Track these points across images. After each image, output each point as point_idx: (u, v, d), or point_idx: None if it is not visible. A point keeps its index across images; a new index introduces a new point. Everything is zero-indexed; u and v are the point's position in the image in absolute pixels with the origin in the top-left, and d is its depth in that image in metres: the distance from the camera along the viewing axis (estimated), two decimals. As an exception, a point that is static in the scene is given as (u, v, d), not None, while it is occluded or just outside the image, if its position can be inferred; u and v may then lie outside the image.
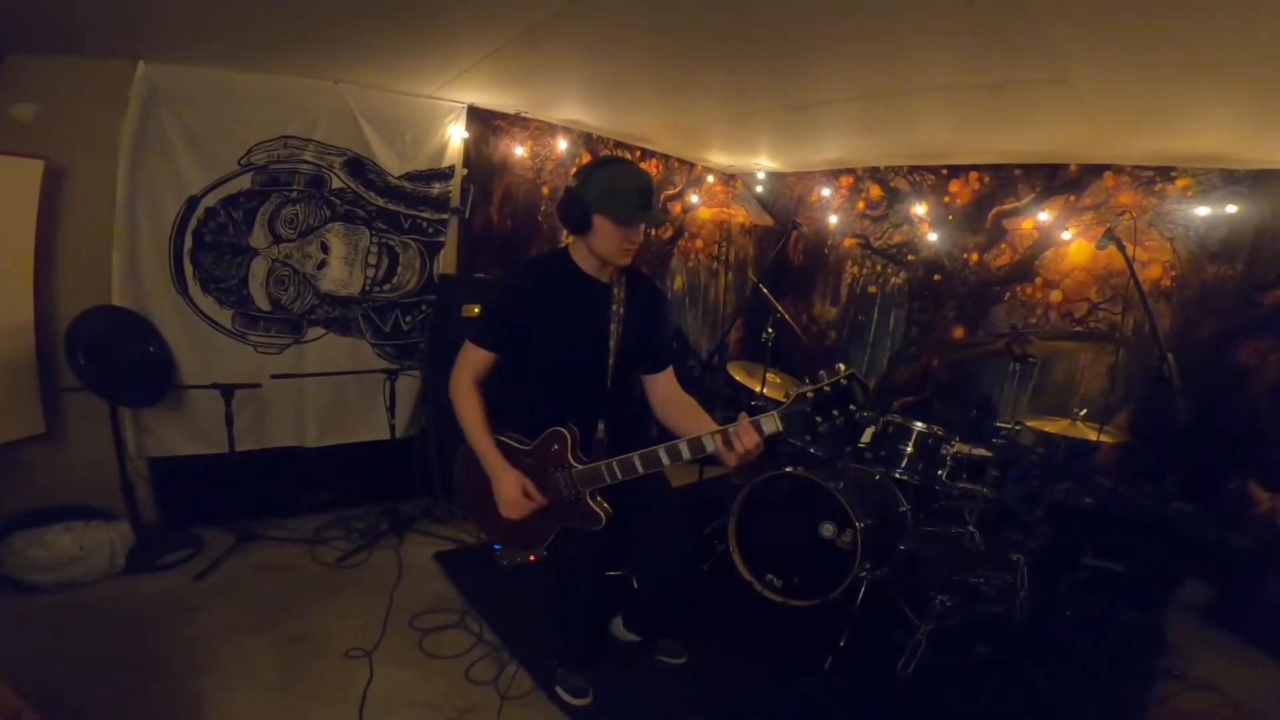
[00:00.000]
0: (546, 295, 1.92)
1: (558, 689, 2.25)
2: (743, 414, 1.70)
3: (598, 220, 1.82)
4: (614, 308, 1.95)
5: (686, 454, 1.77)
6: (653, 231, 4.75)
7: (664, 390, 2.10)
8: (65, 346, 2.75)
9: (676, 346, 4.94)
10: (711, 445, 1.73)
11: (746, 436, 1.67)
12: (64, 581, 2.60)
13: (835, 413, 1.59)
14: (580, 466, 1.91)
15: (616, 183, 1.80)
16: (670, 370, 2.12)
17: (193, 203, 3.08)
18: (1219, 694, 2.64)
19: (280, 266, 3.35)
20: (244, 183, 3.17)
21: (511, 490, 1.90)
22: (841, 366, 1.60)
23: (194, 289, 3.16)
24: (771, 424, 1.66)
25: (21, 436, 2.78)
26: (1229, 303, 3.35)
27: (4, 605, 2.46)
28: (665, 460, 1.80)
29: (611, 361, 1.95)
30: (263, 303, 3.34)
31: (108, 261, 2.93)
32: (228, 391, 3.07)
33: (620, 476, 1.86)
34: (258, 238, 3.27)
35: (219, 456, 3.16)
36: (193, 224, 3.10)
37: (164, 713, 1.99)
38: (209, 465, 3.21)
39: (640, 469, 1.83)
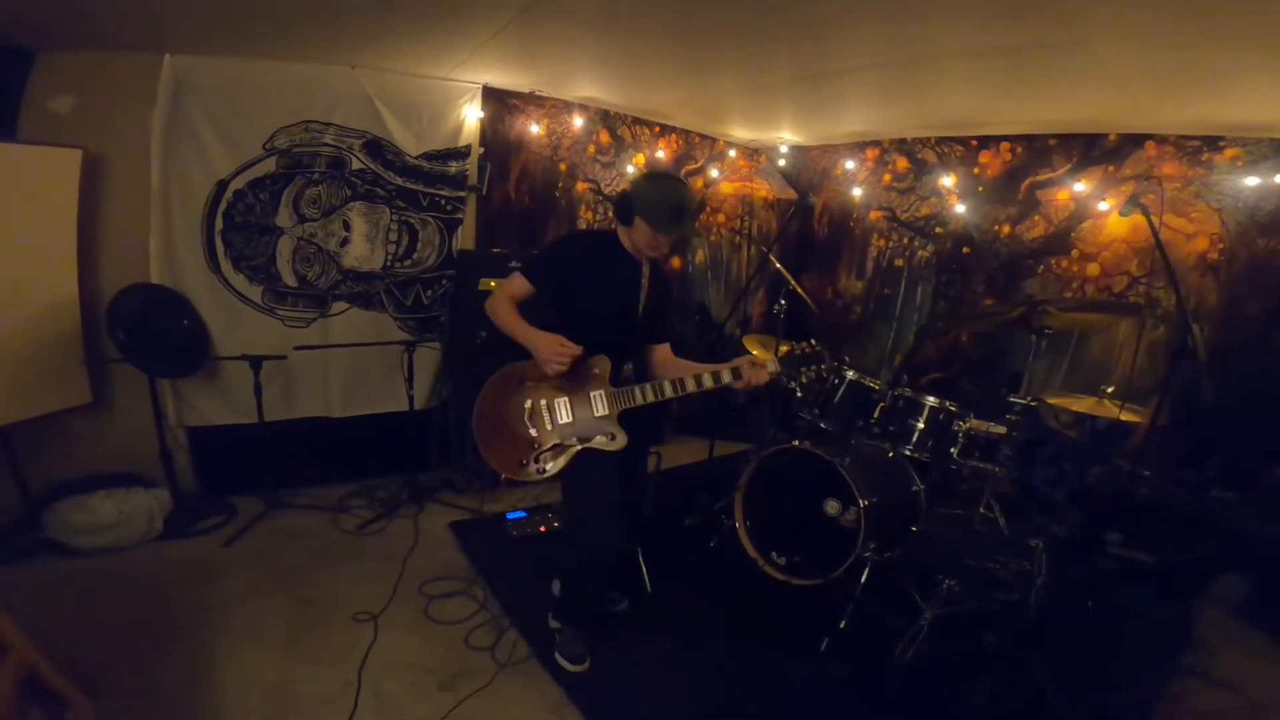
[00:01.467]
0: (594, 257, 2.24)
1: (557, 655, 2.32)
2: (756, 354, 2.11)
3: (638, 221, 2.12)
4: (643, 280, 2.26)
5: (709, 383, 2.13)
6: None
7: (663, 356, 2.40)
8: (107, 322, 2.93)
9: (699, 320, 4.96)
10: (728, 377, 2.12)
11: (755, 373, 2.11)
12: (103, 546, 2.79)
13: (812, 367, 2.14)
14: (614, 388, 2.19)
15: (659, 196, 2.11)
16: (669, 345, 2.41)
17: (222, 186, 3.23)
18: (1241, 694, 2.51)
19: (305, 245, 3.48)
20: (269, 166, 3.30)
21: (550, 344, 2.09)
22: (812, 340, 2.16)
23: (226, 266, 3.32)
24: (773, 365, 2.14)
25: (69, 405, 2.98)
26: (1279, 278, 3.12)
27: (47, 568, 2.66)
28: (690, 386, 2.14)
29: (639, 320, 2.28)
30: (290, 279, 3.48)
31: (145, 242, 3.11)
32: (256, 363, 3.22)
33: (651, 398, 2.16)
34: (283, 218, 3.40)
35: (251, 426, 3.33)
36: (223, 206, 3.25)
37: (177, 671, 2.13)
38: (242, 435, 3.38)
39: (669, 393, 2.14)
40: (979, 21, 2.36)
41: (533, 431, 2.17)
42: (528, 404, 2.18)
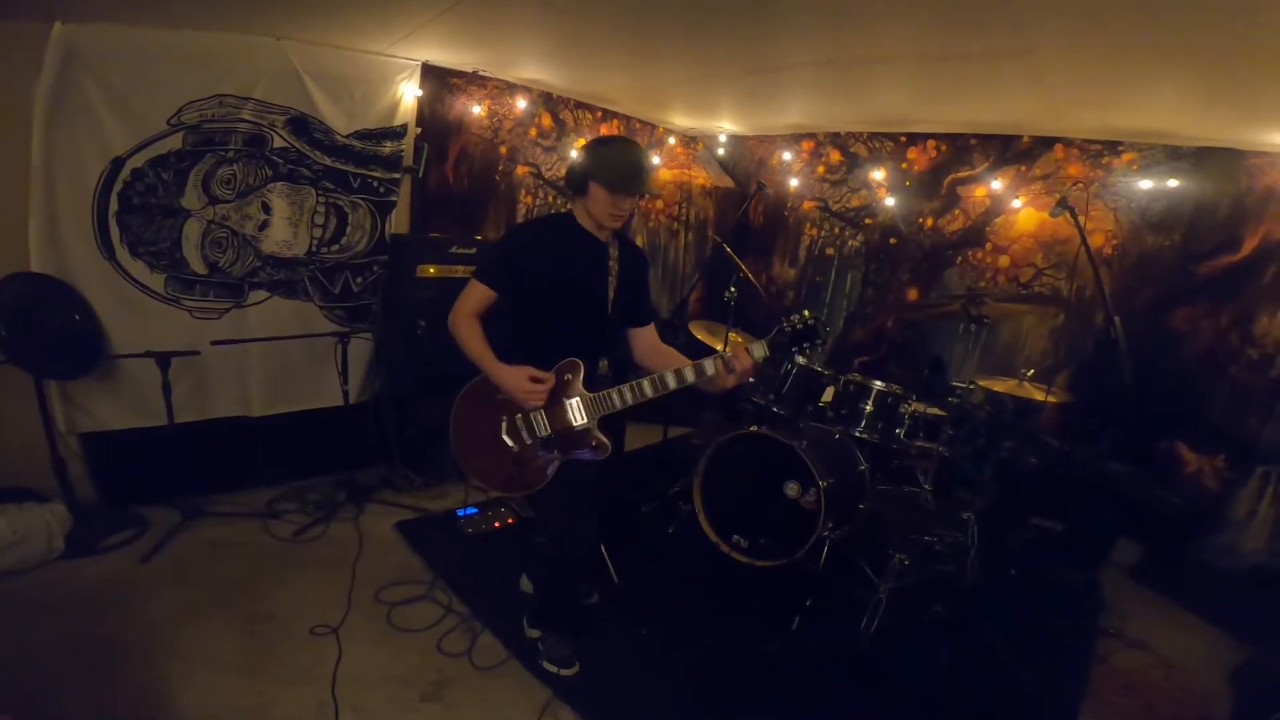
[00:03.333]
0: (550, 245, 2.07)
1: (544, 663, 2.26)
2: (736, 342, 1.95)
3: (593, 187, 1.99)
4: (610, 264, 2.11)
5: (690, 377, 1.98)
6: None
7: (646, 341, 2.29)
8: (-18, 316, 2.54)
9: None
10: (712, 369, 1.96)
11: (742, 359, 1.94)
12: (2, 569, 2.44)
13: (806, 345, 1.93)
14: (591, 394, 2.04)
15: (613, 156, 1.99)
16: (652, 325, 2.32)
17: (117, 164, 2.86)
18: (1152, 654, 2.80)
19: (216, 228, 3.16)
20: (174, 143, 2.96)
21: (518, 380, 1.98)
22: (806, 313, 1.93)
23: (121, 253, 2.96)
24: (760, 350, 1.95)
25: (-62, 414, 2.57)
26: (1165, 272, 3.52)
27: (-63, 595, 2.30)
28: (672, 384, 1.98)
29: (610, 309, 2.12)
30: (198, 266, 3.15)
31: (24, 228, 2.70)
32: (163, 360, 2.91)
33: (630, 401, 2.02)
34: (190, 199, 3.07)
35: (158, 430, 3.01)
36: (118, 186, 2.89)
37: (127, 703, 1.92)
38: (148, 439, 3.05)
39: (649, 393, 2.00)
40: (933, 29, 2.48)
41: (514, 448, 2.07)
42: (504, 420, 2.08)
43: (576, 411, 2.03)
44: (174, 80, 2.89)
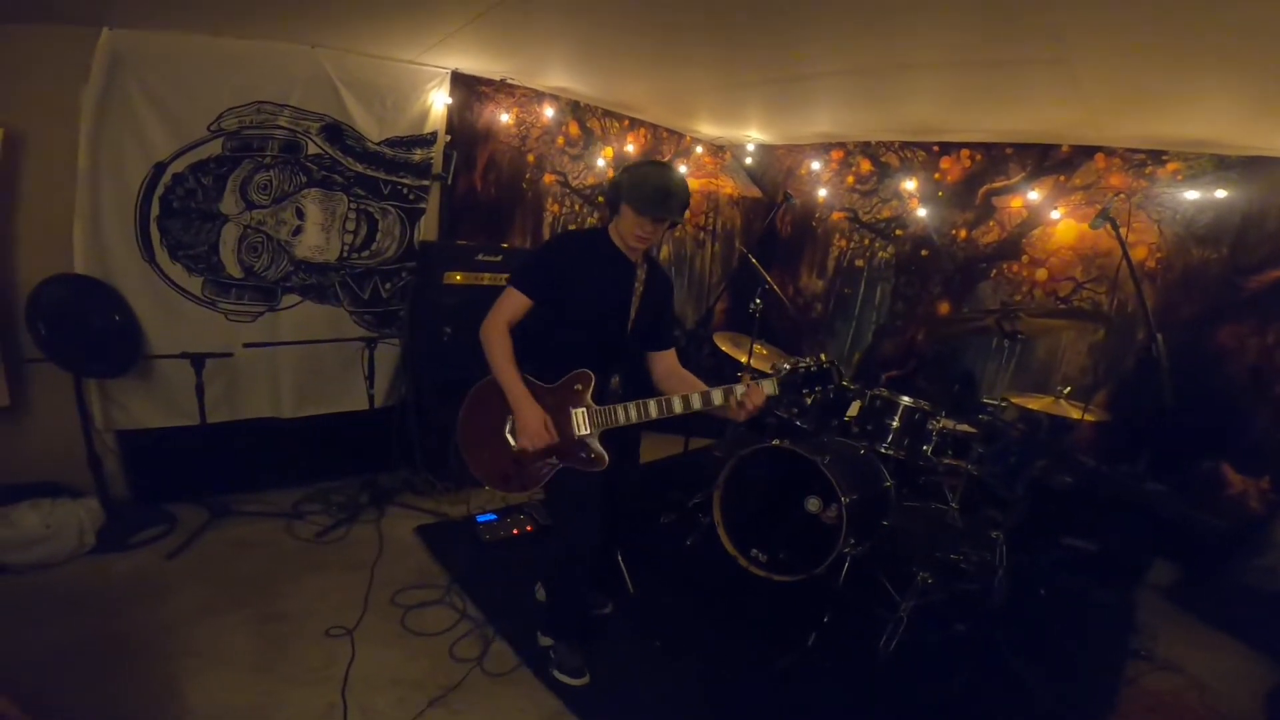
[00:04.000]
0: (584, 258, 2.12)
1: (555, 672, 2.24)
2: (746, 376, 2.01)
3: (624, 206, 2.04)
4: (636, 285, 2.16)
5: (698, 404, 2.03)
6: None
7: (666, 365, 2.30)
8: (26, 316, 2.64)
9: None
10: (720, 399, 2.01)
11: (753, 394, 1.98)
12: (32, 562, 2.52)
13: (818, 388, 1.98)
14: (597, 407, 2.08)
15: (646, 179, 2.03)
16: (673, 350, 2.32)
17: (160, 169, 2.95)
18: (1184, 676, 2.69)
19: (253, 233, 3.24)
20: (214, 148, 3.04)
21: (535, 421, 2.03)
22: (824, 356, 1.98)
23: (161, 256, 3.04)
24: (771, 386, 1.99)
25: (-17, 409, 2.67)
26: (1211, 286, 3.38)
27: (-30, 586, 2.38)
28: (678, 408, 2.03)
29: (630, 327, 2.16)
30: (234, 270, 3.23)
31: (69, 230, 2.80)
32: (198, 361, 2.99)
33: (634, 419, 2.06)
34: (228, 204, 3.15)
35: (190, 429, 3.08)
36: (160, 190, 2.97)
37: (139, 697, 1.94)
38: (180, 438, 3.12)
39: (654, 413, 2.05)
40: (965, 35, 2.43)
41: (515, 447, 2.12)
42: (510, 418, 2.12)
43: (580, 421, 2.08)
44: (214, 87, 2.97)
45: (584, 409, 2.07)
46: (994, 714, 2.33)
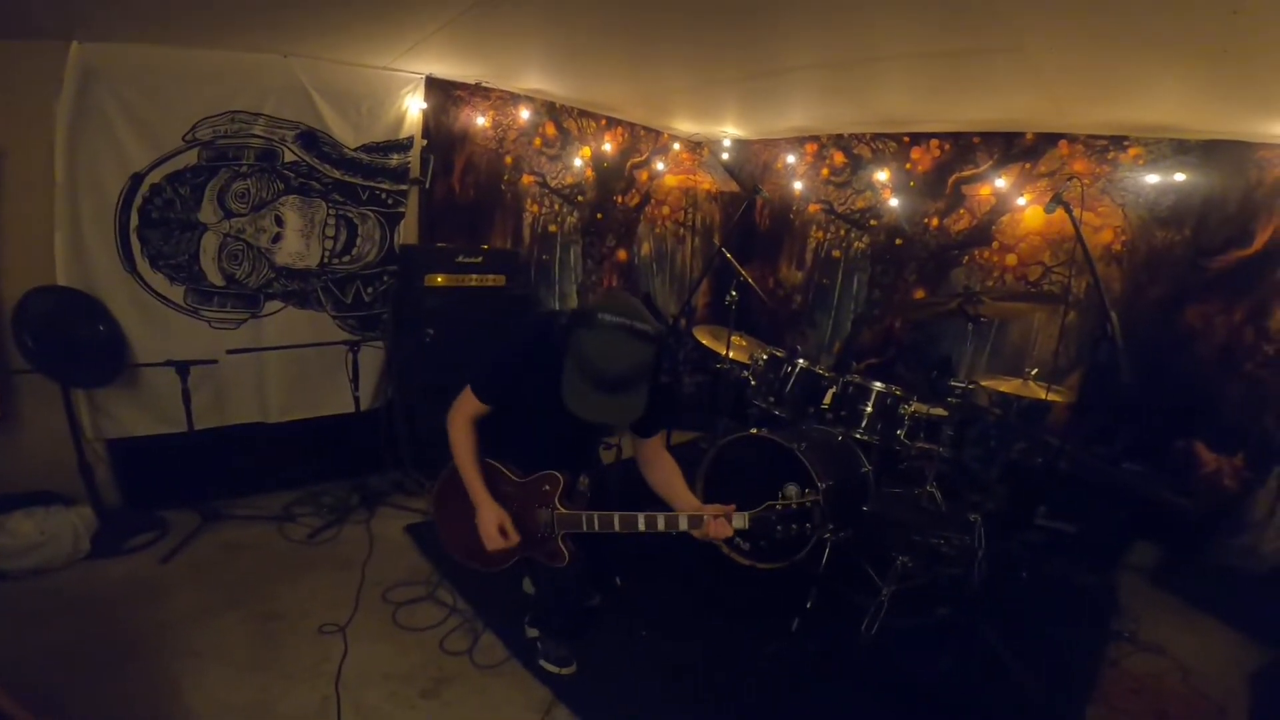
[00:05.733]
0: (547, 371, 1.92)
1: (541, 662, 2.30)
2: (716, 508, 1.91)
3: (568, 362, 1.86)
4: None
5: (662, 526, 1.94)
6: (618, 198, 4.82)
7: (649, 452, 2.19)
8: (12, 328, 2.68)
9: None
10: (685, 525, 1.91)
11: (719, 527, 1.88)
12: (28, 569, 2.56)
13: (794, 526, 1.85)
14: (564, 510, 2.04)
15: (588, 354, 1.79)
16: (657, 439, 2.19)
17: (137, 180, 2.98)
18: (1167, 657, 2.74)
19: (233, 241, 3.27)
20: (190, 159, 3.08)
21: (490, 525, 2.00)
22: (808, 492, 1.83)
23: (143, 266, 3.08)
24: (741, 521, 1.88)
25: (-29, 422, 2.71)
26: (1177, 268, 3.47)
27: (-33, 594, 2.42)
28: (641, 526, 1.96)
29: (600, 433, 2.12)
30: (215, 278, 3.26)
31: (50, 242, 2.83)
32: (183, 369, 3.02)
33: (597, 529, 2.00)
34: (207, 213, 3.18)
35: (179, 436, 3.11)
36: (138, 201, 3.01)
37: (139, 696, 2.00)
38: (169, 445, 3.16)
39: (616, 528, 1.98)
40: (925, 27, 2.49)
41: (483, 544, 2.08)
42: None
43: (547, 521, 2.06)
44: (187, 98, 3.00)
45: (551, 510, 2.05)
46: (976, 697, 2.37)
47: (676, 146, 5.03)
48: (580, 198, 4.58)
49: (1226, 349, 3.36)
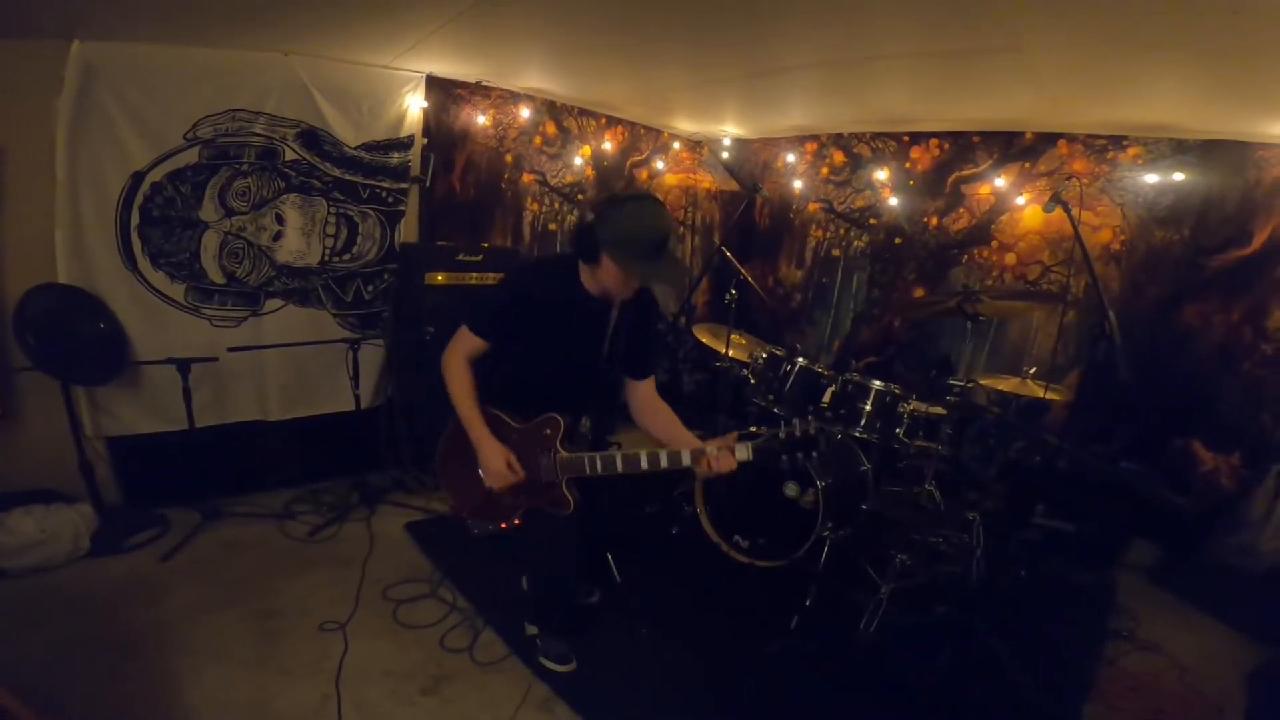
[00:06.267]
0: (548, 306, 1.97)
1: (541, 659, 2.31)
2: (722, 440, 1.85)
3: (605, 259, 1.86)
4: (609, 327, 2.05)
5: (665, 464, 1.91)
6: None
7: (642, 396, 2.19)
8: (13, 326, 2.68)
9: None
10: (688, 460, 1.87)
11: (722, 460, 1.82)
12: (28, 566, 2.57)
13: (800, 454, 1.80)
14: (566, 454, 2.01)
15: (631, 228, 1.81)
16: (651, 380, 2.21)
17: (138, 178, 2.98)
18: (1164, 656, 2.75)
19: (233, 239, 3.28)
20: (191, 157, 3.08)
21: (496, 461, 1.98)
22: (811, 420, 1.80)
23: (143, 264, 3.08)
24: (744, 452, 1.83)
25: (-28, 419, 2.71)
26: (1175, 267, 3.47)
27: (-32, 591, 2.43)
28: (644, 465, 1.92)
29: (601, 369, 2.08)
30: (216, 276, 3.27)
31: (51, 240, 2.84)
32: (183, 366, 3.02)
33: (600, 470, 1.97)
34: (208, 211, 3.18)
35: (180, 434, 3.12)
36: (139, 199, 3.01)
37: (139, 694, 2.01)
38: (170, 443, 3.17)
39: (619, 468, 1.95)
40: (923, 27, 2.50)
41: (486, 484, 2.08)
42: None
43: (550, 467, 2.03)
44: (188, 96, 3.00)
45: (553, 454, 2.01)
46: (974, 694, 2.39)
47: (676, 145, 5.03)
48: (581, 196, 4.59)
49: (1224, 348, 3.37)
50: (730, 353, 3.61)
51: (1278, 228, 3.18)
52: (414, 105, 3.61)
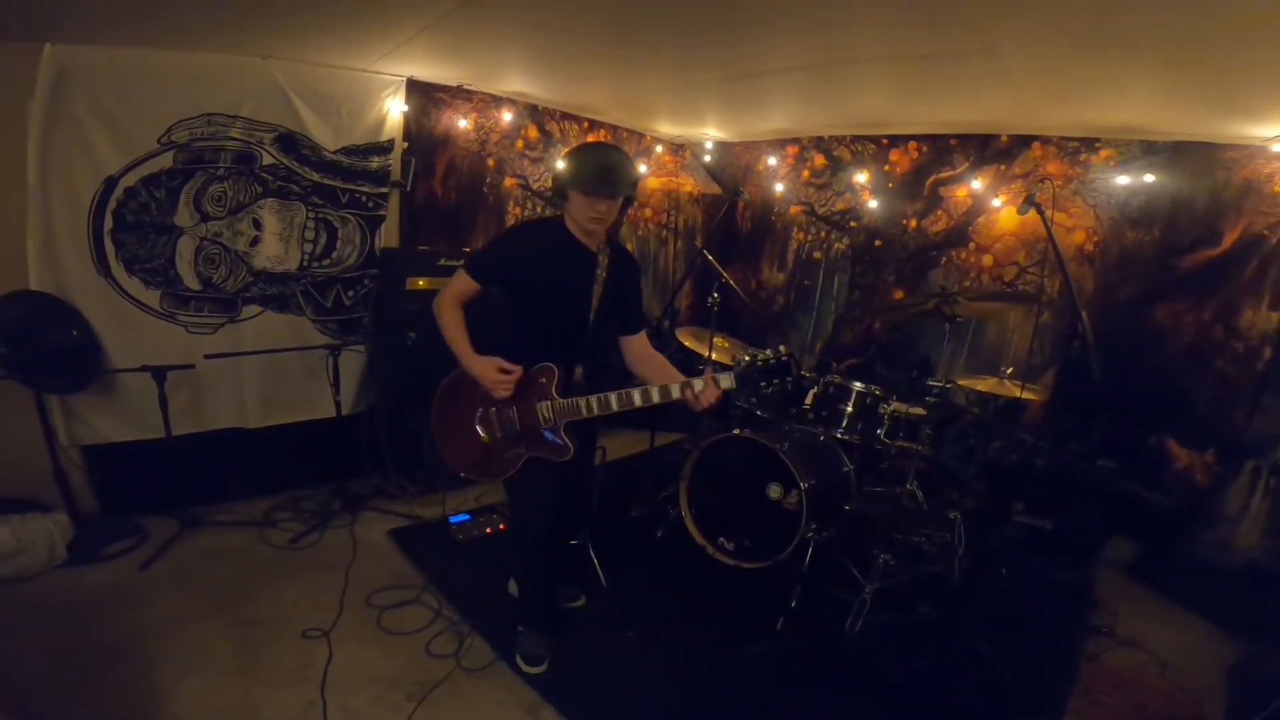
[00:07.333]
0: (541, 251, 2.15)
1: (516, 658, 2.32)
2: (708, 370, 2.00)
3: (570, 193, 2.06)
4: (598, 272, 2.17)
5: (657, 398, 2.04)
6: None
7: (637, 349, 2.35)
8: (-16, 335, 2.63)
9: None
10: (678, 393, 2.01)
11: (708, 389, 1.97)
12: (5, 576, 2.53)
13: (776, 380, 1.94)
14: (561, 401, 2.11)
15: (584, 160, 2.05)
16: (643, 333, 2.37)
17: (111, 183, 2.94)
18: (1145, 652, 2.80)
19: (209, 245, 3.24)
20: (165, 161, 3.04)
21: (489, 371, 2.08)
22: (783, 348, 1.96)
23: (117, 270, 3.03)
24: (728, 381, 1.98)
25: (-58, 430, 2.65)
26: (1147, 267, 3.54)
27: (-56, 602, 2.38)
28: (638, 401, 2.05)
29: (592, 317, 2.18)
30: (192, 282, 3.22)
31: (22, 246, 2.78)
32: (159, 374, 2.97)
33: (596, 411, 2.08)
34: (183, 216, 3.14)
35: (156, 442, 3.08)
36: (112, 204, 2.96)
37: (119, 704, 1.98)
38: (147, 451, 3.12)
39: (615, 406, 2.06)
40: (898, 31, 2.53)
41: (485, 438, 2.21)
42: (479, 411, 2.21)
43: (545, 413, 2.12)
44: (163, 100, 2.96)
45: (549, 401, 2.11)
46: (957, 692, 2.41)
47: (659, 149, 5.05)
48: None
49: (1196, 347, 3.43)
50: (713, 355, 3.63)
51: (1247, 228, 3.25)
52: (394, 109, 3.59)
